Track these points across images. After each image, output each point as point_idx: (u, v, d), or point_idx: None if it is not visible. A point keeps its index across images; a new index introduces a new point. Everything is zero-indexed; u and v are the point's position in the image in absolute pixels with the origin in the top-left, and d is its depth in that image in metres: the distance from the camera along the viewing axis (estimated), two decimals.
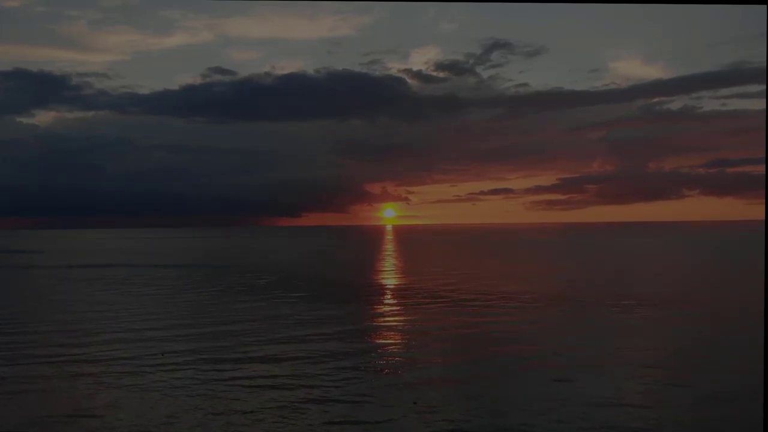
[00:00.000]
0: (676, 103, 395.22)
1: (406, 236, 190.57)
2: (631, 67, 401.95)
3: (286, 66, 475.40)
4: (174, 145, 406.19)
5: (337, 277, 47.74)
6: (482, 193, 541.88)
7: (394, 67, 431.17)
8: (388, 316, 27.80)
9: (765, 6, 3.51)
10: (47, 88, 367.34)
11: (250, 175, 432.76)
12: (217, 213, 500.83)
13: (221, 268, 61.24)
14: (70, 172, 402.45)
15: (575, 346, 20.66)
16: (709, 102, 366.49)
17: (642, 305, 29.93)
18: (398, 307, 30.57)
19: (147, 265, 67.21)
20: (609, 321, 25.81)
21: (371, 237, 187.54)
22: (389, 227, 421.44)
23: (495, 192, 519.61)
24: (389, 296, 35.41)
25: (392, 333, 23.54)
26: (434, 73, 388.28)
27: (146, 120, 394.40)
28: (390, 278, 47.37)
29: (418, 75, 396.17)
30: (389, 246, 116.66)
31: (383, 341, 22.09)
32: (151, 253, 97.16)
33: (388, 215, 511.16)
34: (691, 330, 23.79)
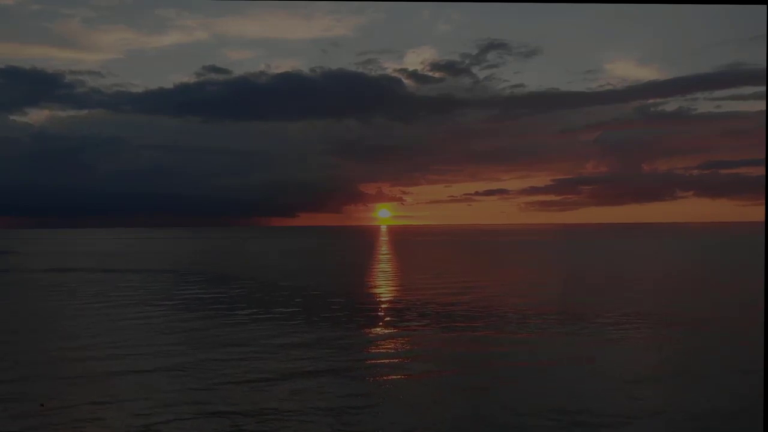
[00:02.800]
0: (671, 105, 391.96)
1: (401, 237, 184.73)
2: (627, 69, 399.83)
3: (281, 65, 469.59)
4: (168, 144, 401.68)
5: (320, 287, 41.75)
6: (477, 193, 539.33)
7: (389, 67, 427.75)
8: (370, 354, 21.51)
9: (765, 6, 3.44)
10: (40, 86, 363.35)
11: (244, 174, 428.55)
12: (210, 213, 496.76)
13: (194, 274, 55.36)
14: (62, 171, 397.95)
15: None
16: (703, 104, 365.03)
17: (660, 323, 24.43)
18: (385, 337, 24.12)
19: (115, 270, 61.54)
20: (637, 351, 20.06)
21: (365, 238, 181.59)
22: (384, 228, 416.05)
23: (489, 193, 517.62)
24: (376, 317, 28.98)
25: (369, 394, 16.46)
26: (430, 74, 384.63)
27: (140, 119, 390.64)
28: (380, 289, 41.36)
29: (413, 75, 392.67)
30: (383, 248, 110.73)
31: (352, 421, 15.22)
32: (128, 256, 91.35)
33: (383, 215, 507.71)
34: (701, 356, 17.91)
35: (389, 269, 58.68)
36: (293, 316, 28.38)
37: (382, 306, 32.13)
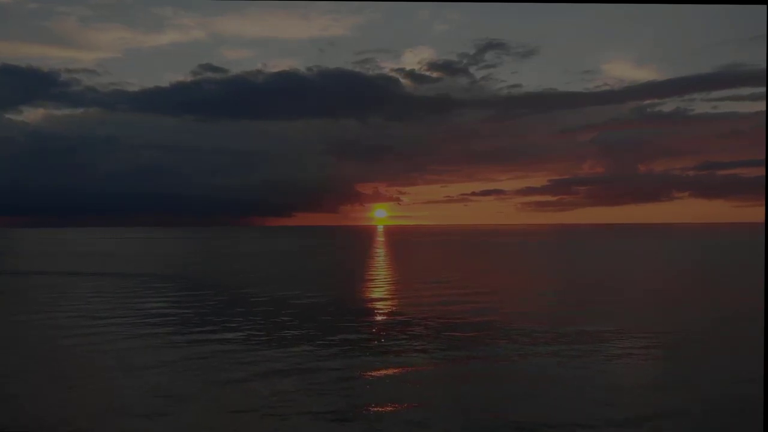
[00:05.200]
0: (668, 105, 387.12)
1: (397, 238, 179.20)
2: (624, 69, 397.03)
3: (278, 65, 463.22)
4: (164, 143, 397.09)
5: (301, 299, 36.40)
6: (473, 194, 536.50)
7: (387, 66, 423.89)
8: (342, 417, 16.56)
9: (765, 6, 3.33)
10: (36, 84, 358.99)
11: (241, 174, 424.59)
12: (207, 213, 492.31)
13: (167, 279, 49.89)
14: (58, 170, 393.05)
15: None
16: (701, 104, 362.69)
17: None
18: (367, 384, 18.77)
19: (86, 273, 56.44)
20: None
21: (360, 239, 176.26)
22: (380, 228, 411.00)
23: (486, 193, 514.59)
24: (360, 345, 23.38)
25: None
26: (427, 73, 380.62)
27: (135, 118, 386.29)
28: (371, 304, 36.05)
29: (411, 74, 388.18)
30: (378, 250, 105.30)
31: None
32: (110, 257, 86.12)
33: (380, 215, 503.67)
34: None
35: (383, 276, 53.22)
36: (256, 343, 22.96)
37: (371, 328, 26.55)
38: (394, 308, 32.15)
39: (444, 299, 34.78)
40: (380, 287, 43.04)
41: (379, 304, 33.90)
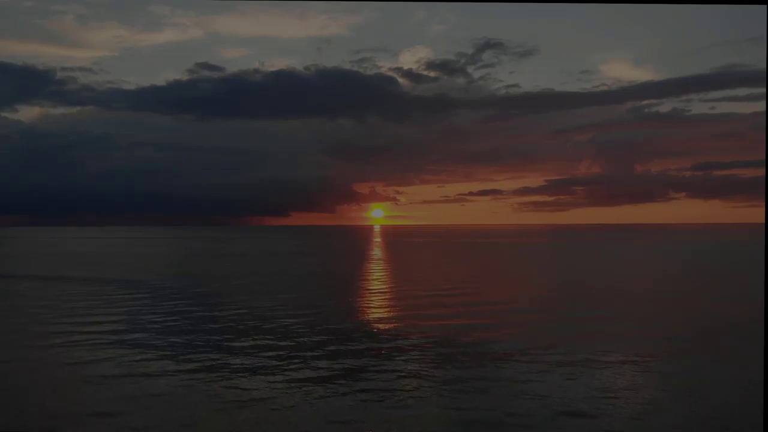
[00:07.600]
0: (665, 106, 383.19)
1: (394, 239, 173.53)
2: (622, 69, 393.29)
3: (275, 64, 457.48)
4: (160, 142, 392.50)
5: (276, 318, 31.02)
6: (470, 194, 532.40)
7: (384, 66, 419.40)
8: None
9: (765, 6, 3.30)
10: (32, 83, 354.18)
11: (237, 173, 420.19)
12: (203, 212, 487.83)
13: (137, 287, 44.39)
14: (53, 169, 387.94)
15: None
16: (698, 105, 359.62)
17: None
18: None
19: (51, 277, 51.91)
20: None
21: (356, 239, 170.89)
22: (377, 227, 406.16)
23: (483, 193, 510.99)
24: (336, 391, 18.39)
25: None
26: (425, 73, 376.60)
27: (132, 116, 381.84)
28: (357, 320, 30.62)
29: (408, 74, 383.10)
30: (373, 252, 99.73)
31: None
32: (89, 258, 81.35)
33: (377, 215, 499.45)
34: None
35: (377, 286, 47.54)
36: (194, 393, 17.57)
37: (355, 374, 21.03)
38: (385, 335, 26.44)
39: (448, 322, 29.12)
40: (372, 302, 37.39)
41: (368, 329, 28.08)
